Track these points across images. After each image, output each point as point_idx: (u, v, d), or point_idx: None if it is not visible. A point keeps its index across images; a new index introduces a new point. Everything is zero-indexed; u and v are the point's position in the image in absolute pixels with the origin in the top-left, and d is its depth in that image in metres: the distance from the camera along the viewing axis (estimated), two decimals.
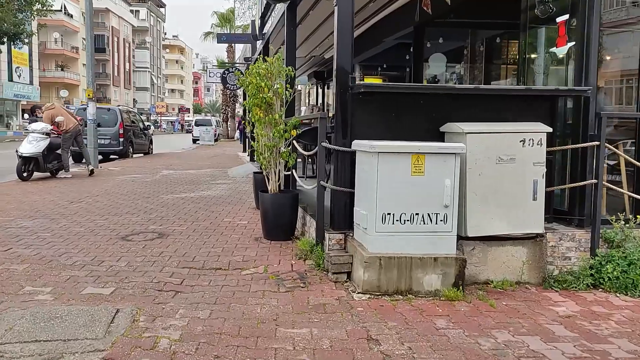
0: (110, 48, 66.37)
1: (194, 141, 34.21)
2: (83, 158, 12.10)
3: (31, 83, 46.64)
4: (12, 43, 32.75)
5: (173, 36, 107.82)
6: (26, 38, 31.12)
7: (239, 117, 34.14)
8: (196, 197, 8.19)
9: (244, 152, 19.01)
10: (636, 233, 4.14)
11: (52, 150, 10.50)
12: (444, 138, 4.15)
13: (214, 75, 27.10)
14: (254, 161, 9.36)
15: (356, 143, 4.05)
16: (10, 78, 42.95)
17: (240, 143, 26.48)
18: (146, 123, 24.19)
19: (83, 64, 46.79)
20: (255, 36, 13.87)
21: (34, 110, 11.75)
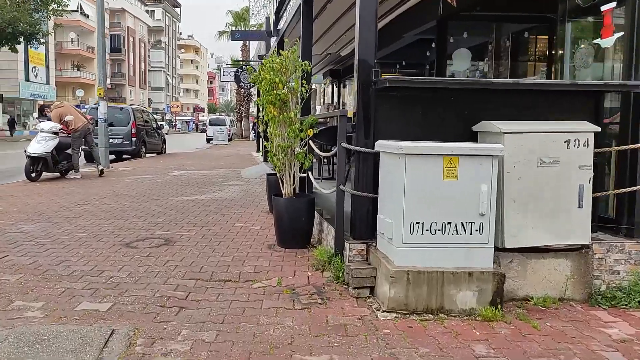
0: (125, 48, 66.80)
1: (208, 141, 34.11)
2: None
3: (47, 83, 46.97)
4: (29, 43, 32.90)
5: (188, 36, 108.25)
6: (42, 38, 31.24)
7: (253, 117, 33.92)
8: (207, 200, 7.84)
9: (258, 152, 18.75)
10: None
11: (62, 150, 10.25)
12: (477, 138, 3.75)
13: (228, 74, 26.82)
14: (268, 161, 9.01)
15: (380, 144, 3.65)
16: (27, 78, 43.26)
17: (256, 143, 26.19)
18: (159, 122, 24.02)
19: None
20: (269, 32, 13.46)
21: (43, 109, 11.51)
